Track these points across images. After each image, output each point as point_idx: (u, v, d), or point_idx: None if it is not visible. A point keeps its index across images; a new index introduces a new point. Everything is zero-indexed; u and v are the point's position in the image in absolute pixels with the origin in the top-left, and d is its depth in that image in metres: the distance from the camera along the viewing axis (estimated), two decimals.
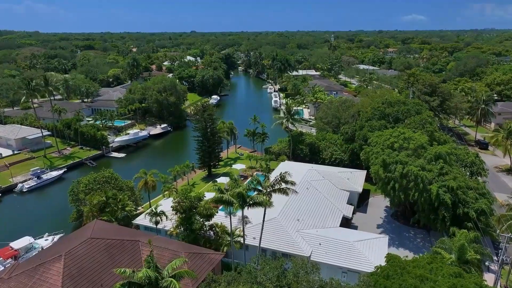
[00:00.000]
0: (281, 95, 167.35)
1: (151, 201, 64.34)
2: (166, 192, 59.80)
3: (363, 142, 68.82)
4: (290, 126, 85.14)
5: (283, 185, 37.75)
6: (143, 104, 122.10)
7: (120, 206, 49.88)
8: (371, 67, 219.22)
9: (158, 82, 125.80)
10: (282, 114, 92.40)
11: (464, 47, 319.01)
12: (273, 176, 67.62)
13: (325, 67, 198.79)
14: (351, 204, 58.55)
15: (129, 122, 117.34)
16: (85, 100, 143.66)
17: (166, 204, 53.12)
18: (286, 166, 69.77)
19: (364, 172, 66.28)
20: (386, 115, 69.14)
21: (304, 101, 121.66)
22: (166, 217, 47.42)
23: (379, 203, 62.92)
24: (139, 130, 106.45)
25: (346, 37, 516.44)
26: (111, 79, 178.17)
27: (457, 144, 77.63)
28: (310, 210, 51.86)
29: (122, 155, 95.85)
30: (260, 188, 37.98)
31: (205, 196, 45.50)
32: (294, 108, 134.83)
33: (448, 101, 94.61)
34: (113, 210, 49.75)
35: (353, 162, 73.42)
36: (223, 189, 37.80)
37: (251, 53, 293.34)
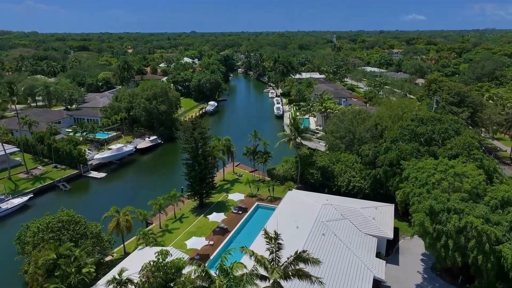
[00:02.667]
0: (284, 100, 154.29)
1: (125, 243, 51.56)
2: (141, 241, 46.65)
3: (388, 168, 56.20)
4: (298, 140, 71.22)
5: (301, 265, 24.74)
6: (131, 112, 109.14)
7: (74, 269, 36.87)
8: (378, 69, 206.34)
9: (148, 88, 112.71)
10: (287, 130, 79.18)
11: (472, 48, 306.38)
12: (281, 209, 55.31)
13: (331, 70, 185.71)
14: (379, 254, 45.62)
15: (114, 134, 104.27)
16: (69, 107, 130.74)
17: (139, 259, 40.31)
18: (294, 198, 57.02)
19: (391, 207, 53.32)
20: (416, 134, 56.23)
21: (311, 110, 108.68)
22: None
23: (412, 248, 49.94)
24: (123, 145, 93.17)
25: (347, 37, 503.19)
26: (100, 83, 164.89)
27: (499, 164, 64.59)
28: (331, 270, 38.84)
29: (102, 174, 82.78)
30: (263, 270, 25.01)
31: (186, 265, 32.28)
32: (299, 116, 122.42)
33: (480, 113, 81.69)
34: (64, 274, 36.79)
35: (375, 191, 60.41)
36: (210, 274, 24.71)
37: (251, 54, 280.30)
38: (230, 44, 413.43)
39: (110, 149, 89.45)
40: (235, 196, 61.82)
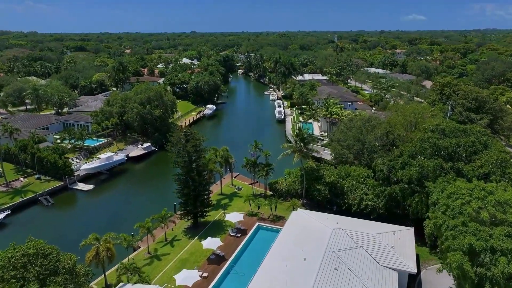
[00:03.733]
0: (286, 103, 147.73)
1: (107, 273, 45.02)
2: (122, 275, 40.06)
3: (406, 186, 49.74)
4: (304, 150, 64.30)
5: None
6: (123, 118, 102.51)
7: None
8: (382, 71, 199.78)
9: (141, 91, 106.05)
10: (291, 139, 72.45)
11: (476, 48, 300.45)
12: (285, 234, 48.55)
13: (334, 71, 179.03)
14: None
15: (105, 140, 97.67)
16: (60, 111, 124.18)
17: None
18: (299, 219, 50.43)
19: (411, 232, 46.76)
20: (439, 148, 49.62)
21: (315, 115, 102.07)
22: None
23: (437, 281, 43.21)
24: (113, 153, 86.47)
25: (348, 37, 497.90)
26: (94, 86, 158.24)
27: None
28: None
29: (90, 187, 76.15)
30: None
31: None
32: (302, 121, 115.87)
33: (501, 120, 75.13)
34: None
35: (391, 211, 53.90)
36: None
37: (252, 54, 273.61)
38: (230, 45, 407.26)
39: (99, 158, 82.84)
40: (233, 216, 55.10)
